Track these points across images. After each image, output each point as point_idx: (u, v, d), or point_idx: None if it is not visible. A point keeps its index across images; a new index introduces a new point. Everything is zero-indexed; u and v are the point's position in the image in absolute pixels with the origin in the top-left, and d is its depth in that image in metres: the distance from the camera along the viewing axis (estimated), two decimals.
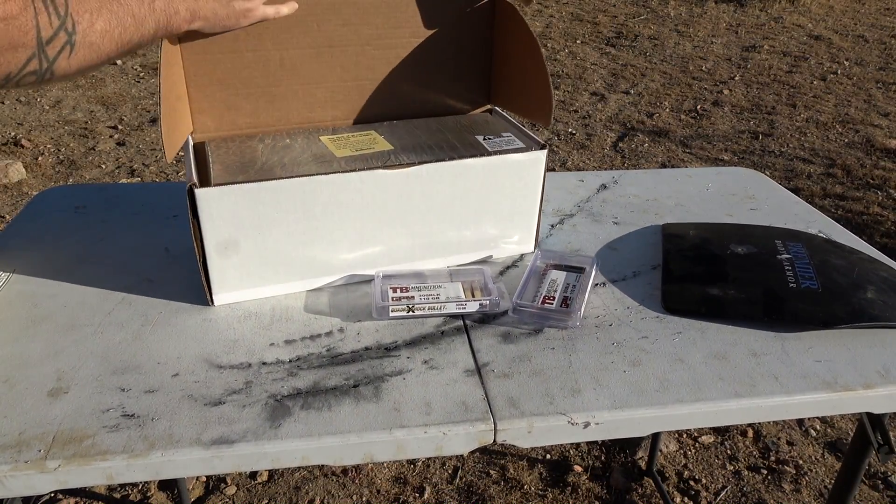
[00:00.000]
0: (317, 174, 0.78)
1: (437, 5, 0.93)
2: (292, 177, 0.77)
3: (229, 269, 0.79)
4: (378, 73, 0.95)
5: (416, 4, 0.92)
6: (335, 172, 0.78)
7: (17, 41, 0.56)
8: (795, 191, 2.91)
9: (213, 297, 0.81)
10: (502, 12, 0.95)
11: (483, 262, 0.93)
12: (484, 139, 0.90)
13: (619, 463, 1.67)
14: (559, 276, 0.87)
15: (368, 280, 0.87)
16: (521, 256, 0.94)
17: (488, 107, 1.04)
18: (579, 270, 0.88)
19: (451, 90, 1.01)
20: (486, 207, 0.88)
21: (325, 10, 0.89)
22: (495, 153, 0.85)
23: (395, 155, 0.84)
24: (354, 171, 0.79)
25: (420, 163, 0.82)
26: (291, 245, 0.81)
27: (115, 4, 0.64)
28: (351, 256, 0.85)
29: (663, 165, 3.18)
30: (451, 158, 0.83)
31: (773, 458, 1.68)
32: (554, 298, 0.82)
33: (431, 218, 0.86)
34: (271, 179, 0.76)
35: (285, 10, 0.84)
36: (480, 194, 0.87)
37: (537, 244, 0.96)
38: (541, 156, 0.87)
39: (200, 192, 0.73)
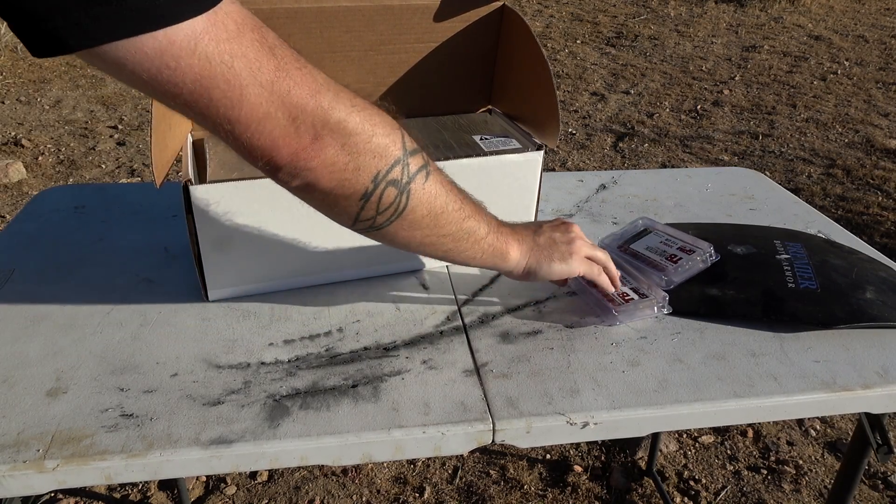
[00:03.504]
0: None
1: (443, 13, 0.93)
2: None
3: (224, 264, 0.80)
4: (380, 78, 0.95)
5: (422, 12, 0.92)
6: None
7: (386, 145, 0.56)
8: (795, 191, 2.91)
9: (208, 292, 0.81)
10: (509, 23, 0.95)
11: None
12: (481, 139, 0.90)
13: (619, 463, 1.67)
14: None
15: (366, 279, 0.87)
16: None
17: (488, 107, 1.04)
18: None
19: (454, 95, 1.01)
20: None
21: (329, 18, 0.89)
22: (492, 153, 0.85)
23: None
24: None
25: None
26: (286, 243, 0.81)
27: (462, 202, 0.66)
28: (347, 255, 0.85)
29: (663, 165, 3.18)
30: (448, 158, 0.83)
31: (773, 458, 1.68)
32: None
33: None
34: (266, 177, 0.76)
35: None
36: (477, 194, 0.86)
37: None
38: (537, 156, 0.87)
39: (195, 189, 0.74)
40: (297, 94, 0.50)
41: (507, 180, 0.87)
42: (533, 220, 0.92)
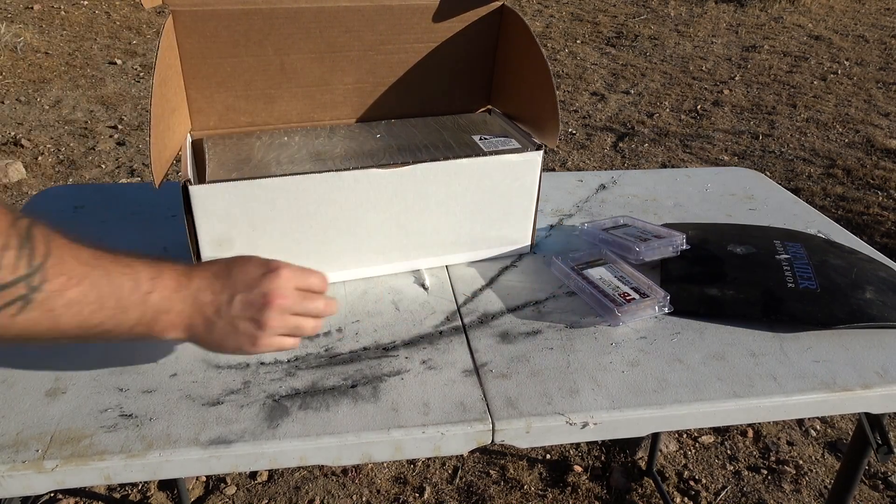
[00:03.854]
0: (310, 172, 0.78)
1: (443, 13, 0.93)
2: (286, 175, 0.77)
3: None
4: (380, 78, 0.95)
5: (421, 12, 0.92)
6: (329, 171, 0.78)
7: None
8: (795, 191, 2.91)
9: None
10: (509, 23, 0.95)
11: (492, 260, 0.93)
12: (480, 139, 0.90)
13: (619, 463, 1.67)
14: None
15: (366, 279, 0.87)
16: (520, 257, 0.94)
17: (487, 107, 1.04)
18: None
19: (453, 95, 1.01)
20: (482, 208, 0.88)
21: (328, 18, 0.89)
22: (491, 153, 0.85)
23: (390, 154, 0.84)
24: (348, 169, 0.79)
25: (414, 162, 0.82)
26: (285, 242, 0.81)
27: (103, 280, 0.53)
28: (345, 255, 0.85)
29: (663, 165, 3.18)
30: (446, 158, 0.83)
31: (773, 459, 1.68)
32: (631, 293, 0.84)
33: (426, 217, 0.86)
34: (265, 177, 0.77)
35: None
36: (476, 194, 0.87)
37: (534, 245, 0.96)
38: (537, 156, 0.87)
39: (194, 189, 0.74)
40: None
41: (506, 180, 0.87)
42: (532, 220, 0.92)
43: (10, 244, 0.47)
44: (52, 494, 1.50)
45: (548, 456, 1.68)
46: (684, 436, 1.75)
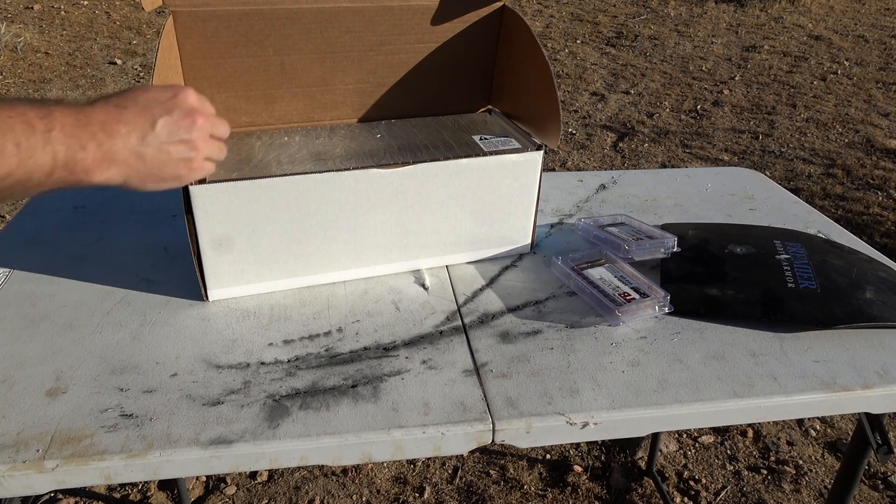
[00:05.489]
0: (310, 172, 0.78)
1: (443, 14, 0.93)
2: (286, 175, 0.77)
3: (224, 265, 0.80)
4: (381, 78, 0.95)
5: (421, 12, 0.92)
6: (329, 171, 0.78)
7: None
8: (795, 191, 2.91)
9: (208, 292, 0.81)
10: (509, 24, 0.95)
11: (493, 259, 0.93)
12: (480, 139, 0.90)
13: (619, 463, 1.67)
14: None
15: (366, 279, 0.87)
16: (520, 257, 0.94)
17: (488, 107, 1.04)
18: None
19: (454, 96, 1.01)
20: (482, 207, 0.88)
21: (328, 18, 0.89)
22: (491, 153, 0.85)
23: (390, 154, 0.84)
24: (348, 169, 0.79)
25: (414, 162, 0.82)
26: (286, 242, 0.81)
27: None
28: (346, 255, 0.85)
29: (663, 165, 3.18)
30: (446, 158, 0.83)
31: (773, 459, 1.68)
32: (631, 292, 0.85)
33: (426, 217, 0.86)
34: (265, 177, 0.77)
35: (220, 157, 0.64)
36: (476, 194, 0.87)
37: (534, 244, 0.96)
38: (537, 156, 0.87)
39: (194, 189, 0.74)
40: None
41: (506, 180, 0.87)
42: (532, 220, 0.92)
43: None
44: (52, 494, 1.50)
45: (548, 456, 1.68)
46: (684, 436, 1.75)
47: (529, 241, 0.94)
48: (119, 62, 4.19)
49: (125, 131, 0.55)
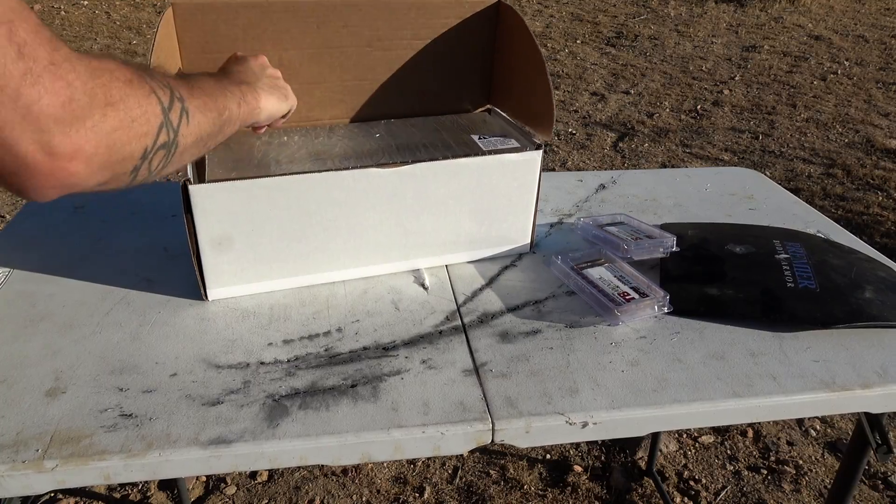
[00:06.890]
0: (310, 172, 0.78)
1: (440, 9, 0.93)
2: (286, 174, 0.77)
3: (223, 264, 0.80)
4: (378, 74, 0.95)
5: (418, 7, 0.92)
6: (328, 170, 0.79)
7: (147, 119, 0.48)
8: (795, 191, 2.91)
9: (208, 291, 0.81)
10: (506, 20, 0.95)
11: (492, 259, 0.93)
12: (480, 139, 0.90)
13: (619, 463, 1.67)
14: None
15: (366, 279, 0.87)
16: (520, 256, 0.94)
17: (487, 106, 1.04)
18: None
19: (451, 93, 1.01)
20: (481, 207, 0.88)
21: (326, 13, 0.89)
22: (490, 153, 0.85)
23: (390, 153, 0.84)
24: (348, 169, 0.79)
25: (413, 162, 0.82)
26: (285, 242, 0.81)
27: (209, 95, 0.62)
28: (345, 255, 0.85)
29: (663, 165, 3.18)
30: (446, 157, 0.83)
31: (773, 458, 1.68)
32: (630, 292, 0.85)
33: (425, 217, 0.86)
34: (265, 176, 0.77)
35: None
36: (475, 194, 0.87)
37: (533, 244, 0.96)
38: (536, 156, 0.87)
39: (194, 189, 0.74)
40: (47, 105, 0.41)
41: (505, 180, 0.87)
42: (532, 220, 0.92)
43: (147, 77, 0.52)
44: (52, 494, 1.50)
45: (548, 456, 1.68)
46: (684, 436, 1.75)
47: (529, 241, 0.94)
48: None
49: (252, 82, 0.74)
